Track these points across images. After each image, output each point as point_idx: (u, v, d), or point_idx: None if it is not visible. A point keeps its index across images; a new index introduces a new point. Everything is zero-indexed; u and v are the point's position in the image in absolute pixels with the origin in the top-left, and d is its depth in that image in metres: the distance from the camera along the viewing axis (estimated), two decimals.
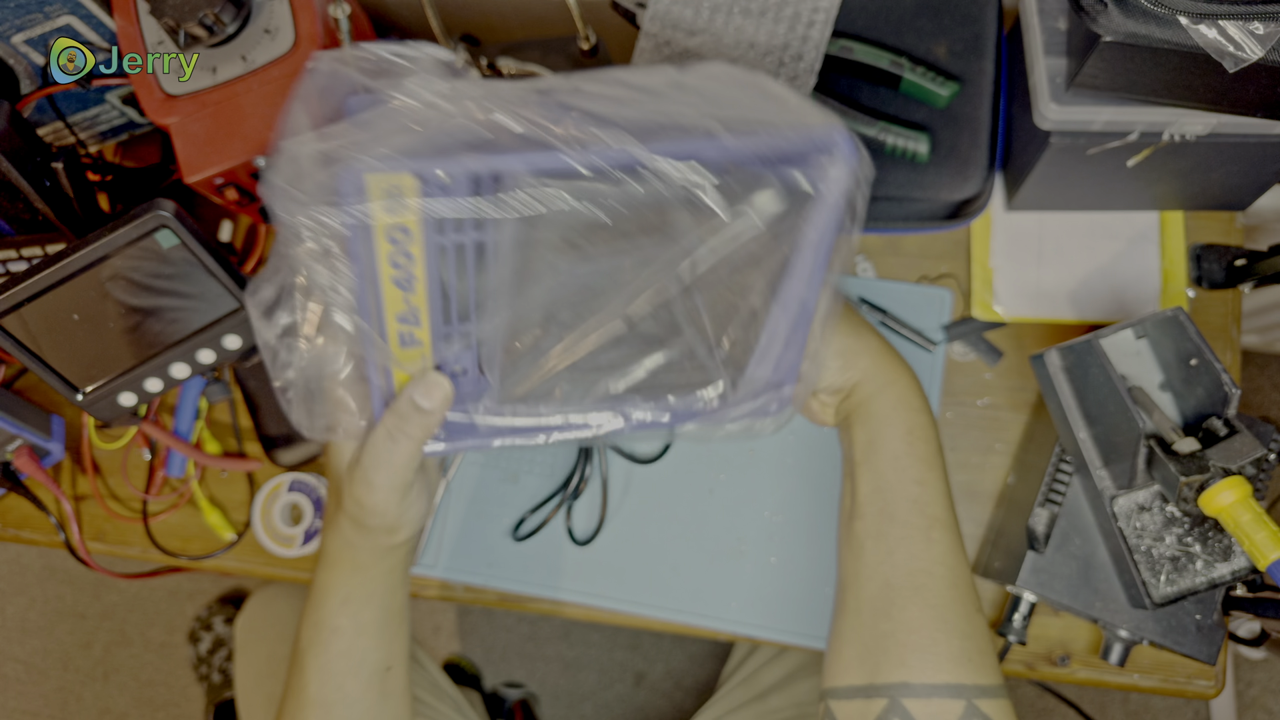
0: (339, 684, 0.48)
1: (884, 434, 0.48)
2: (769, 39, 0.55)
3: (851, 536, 0.48)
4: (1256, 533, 0.45)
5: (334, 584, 0.48)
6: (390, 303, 0.41)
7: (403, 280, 0.41)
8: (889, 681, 0.44)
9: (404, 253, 0.41)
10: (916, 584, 0.45)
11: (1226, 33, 0.45)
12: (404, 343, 0.42)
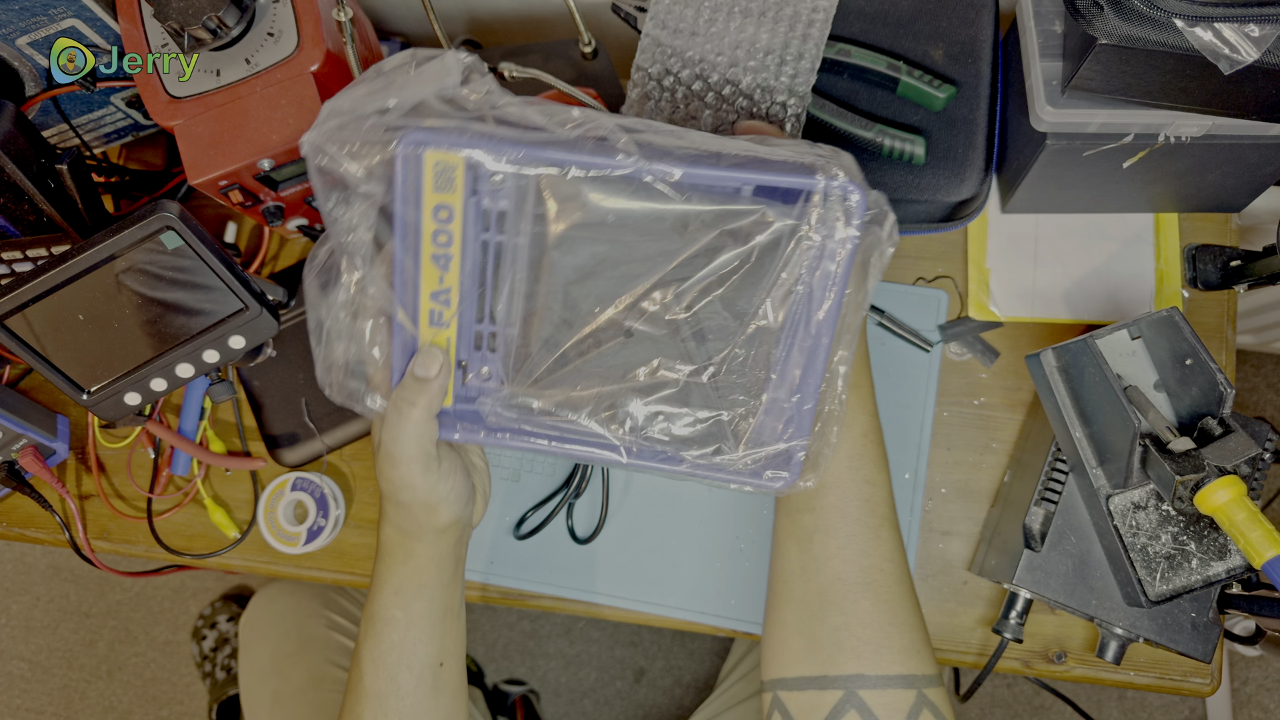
0: (392, 675, 0.49)
1: (840, 434, 0.48)
2: (770, 39, 0.55)
3: (797, 529, 0.49)
4: (1251, 531, 0.45)
5: (387, 575, 0.49)
6: (427, 279, 0.43)
7: (440, 259, 0.43)
8: (844, 673, 0.46)
9: (445, 232, 0.43)
10: (868, 579, 0.47)
11: (1222, 35, 0.45)
12: (433, 322, 0.44)
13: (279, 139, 0.55)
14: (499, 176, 0.42)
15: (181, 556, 0.68)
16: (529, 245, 0.43)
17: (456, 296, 0.44)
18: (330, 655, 0.81)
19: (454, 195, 0.42)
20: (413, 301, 0.44)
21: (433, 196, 0.42)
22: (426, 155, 0.41)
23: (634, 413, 0.45)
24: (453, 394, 0.46)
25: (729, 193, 0.42)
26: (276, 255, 0.72)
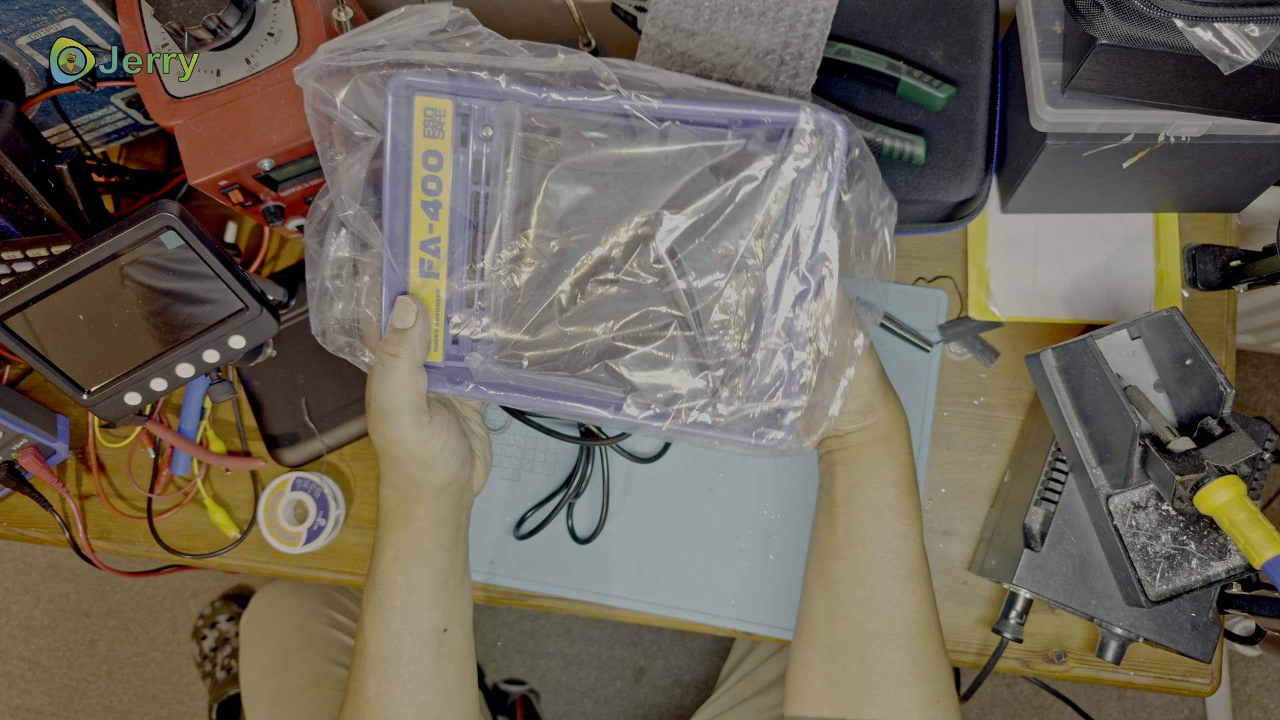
0: (395, 641, 0.48)
1: (870, 482, 0.49)
2: (769, 39, 0.55)
3: (826, 574, 0.50)
4: (1251, 531, 0.45)
5: (387, 540, 0.48)
6: (417, 228, 0.43)
7: (431, 206, 0.43)
8: (862, 717, 0.47)
9: (435, 178, 0.43)
10: (891, 630, 0.48)
11: (1222, 35, 0.45)
12: (423, 272, 0.44)
13: (279, 139, 0.55)
14: (489, 130, 0.43)
15: (181, 556, 0.68)
16: (516, 194, 0.43)
17: (446, 246, 0.44)
18: (332, 653, 0.81)
19: (443, 142, 0.42)
20: (403, 251, 0.43)
21: (423, 142, 0.42)
22: (416, 100, 0.41)
23: (623, 367, 0.45)
24: (443, 350, 0.45)
25: (714, 130, 0.42)
26: (276, 255, 0.72)
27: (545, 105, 0.42)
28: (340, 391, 0.68)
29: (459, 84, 0.42)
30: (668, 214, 0.43)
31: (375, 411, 0.45)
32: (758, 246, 0.43)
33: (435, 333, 0.45)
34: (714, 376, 0.44)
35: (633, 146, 0.42)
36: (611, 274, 0.44)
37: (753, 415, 0.44)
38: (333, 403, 0.68)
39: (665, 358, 0.45)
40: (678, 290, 0.44)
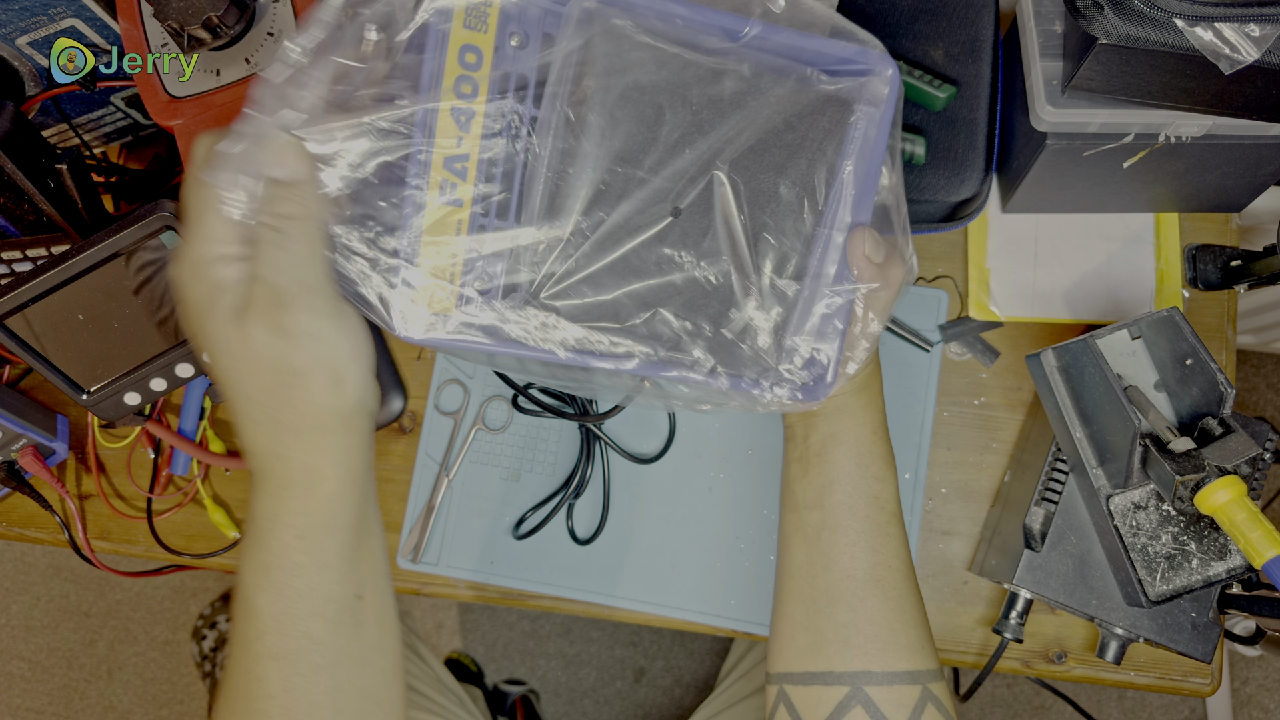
0: (303, 629, 0.39)
1: (850, 430, 0.48)
2: None
3: (805, 525, 0.48)
4: (1252, 531, 0.45)
5: (283, 514, 0.37)
6: (443, 135, 0.36)
7: (462, 115, 0.36)
8: (850, 669, 0.45)
9: (470, 80, 0.36)
10: (877, 576, 0.46)
11: (1222, 35, 0.45)
12: (443, 192, 0.37)
13: None
14: (516, 38, 0.37)
15: (181, 556, 0.68)
16: (566, 106, 0.37)
17: (473, 167, 0.37)
18: None
19: (486, 37, 0.36)
20: (423, 165, 0.36)
21: (462, 34, 0.35)
22: None
23: (671, 318, 0.40)
24: (456, 301, 0.38)
25: (782, 59, 0.39)
26: None
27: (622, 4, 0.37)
28: None
29: None
30: (730, 138, 0.39)
31: (268, 301, 0.33)
32: (819, 183, 0.41)
33: (451, 274, 0.37)
34: (766, 326, 0.41)
35: (699, 59, 0.38)
36: (668, 212, 0.39)
37: (795, 366, 0.42)
38: None
39: (717, 308, 0.41)
40: (735, 228, 0.40)
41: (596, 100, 0.37)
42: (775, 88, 0.40)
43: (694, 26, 0.39)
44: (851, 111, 0.41)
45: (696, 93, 0.39)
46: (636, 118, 0.38)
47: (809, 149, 0.41)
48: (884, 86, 0.41)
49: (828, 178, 0.41)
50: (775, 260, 0.41)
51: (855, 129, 0.41)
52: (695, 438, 0.66)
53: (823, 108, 0.41)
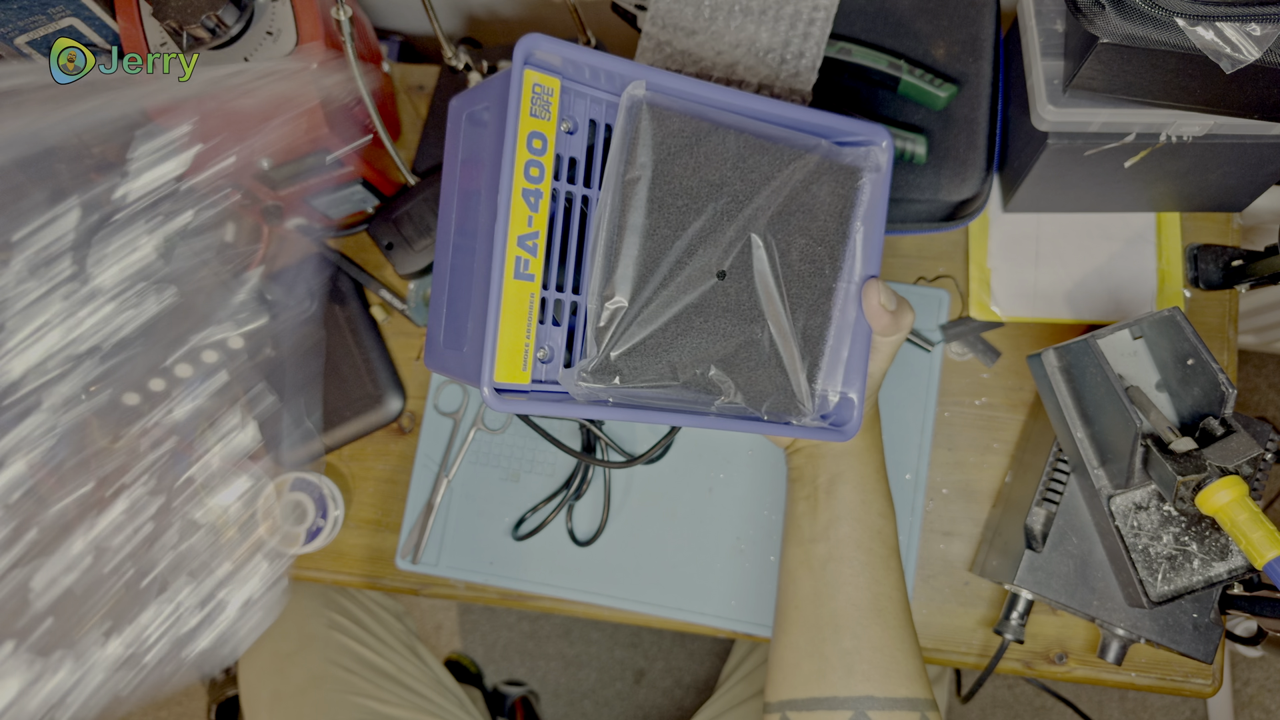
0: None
1: (856, 469, 0.51)
2: (770, 37, 0.55)
3: (810, 558, 0.51)
4: (1253, 532, 0.45)
5: None
6: (516, 219, 0.39)
7: (532, 196, 0.39)
8: (854, 694, 0.47)
9: (538, 164, 0.39)
10: (879, 606, 0.49)
11: (1223, 34, 0.45)
12: (518, 272, 0.40)
13: (278, 138, 0.55)
14: (568, 124, 0.40)
15: None
16: (621, 185, 0.41)
17: (544, 244, 0.40)
18: (330, 655, 0.81)
19: (549, 124, 0.39)
20: (500, 245, 0.39)
21: (529, 122, 0.39)
22: (526, 74, 0.38)
23: (722, 373, 0.44)
24: (531, 369, 0.41)
25: (807, 138, 0.45)
26: (276, 255, 0.72)
27: (665, 91, 0.42)
28: (339, 391, 0.68)
29: (582, 57, 0.39)
30: (764, 212, 0.44)
31: None
32: (837, 242, 0.47)
33: (526, 348, 0.40)
34: (801, 374, 0.46)
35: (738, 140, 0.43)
36: (713, 275, 0.43)
37: (826, 406, 0.48)
38: (332, 403, 0.68)
39: (759, 359, 0.45)
40: (770, 286, 0.44)
41: (646, 176, 0.41)
42: (796, 158, 0.45)
43: (726, 109, 0.44)
44: (860, 177, 0.47)
45: (731, 165, 0.43)
46: (681, 190, 0.42)
47: (827, 211, 0.46)
48: (883, 155, 0.47)
49: (843, 236, 0.47)
50: (805, 313, 0.46)
51: (863, 192, 0.47)
52: (695, 439, 0.66)
53: (835, 176, 0.46)
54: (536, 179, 0.39)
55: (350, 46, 0.56)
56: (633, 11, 0.59)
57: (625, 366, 0.41)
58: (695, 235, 0.42)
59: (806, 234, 0.45)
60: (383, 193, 0.67)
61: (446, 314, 0.47)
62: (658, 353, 0.42)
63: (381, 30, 0.84)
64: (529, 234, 0.39)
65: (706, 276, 0.43)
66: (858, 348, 0.47)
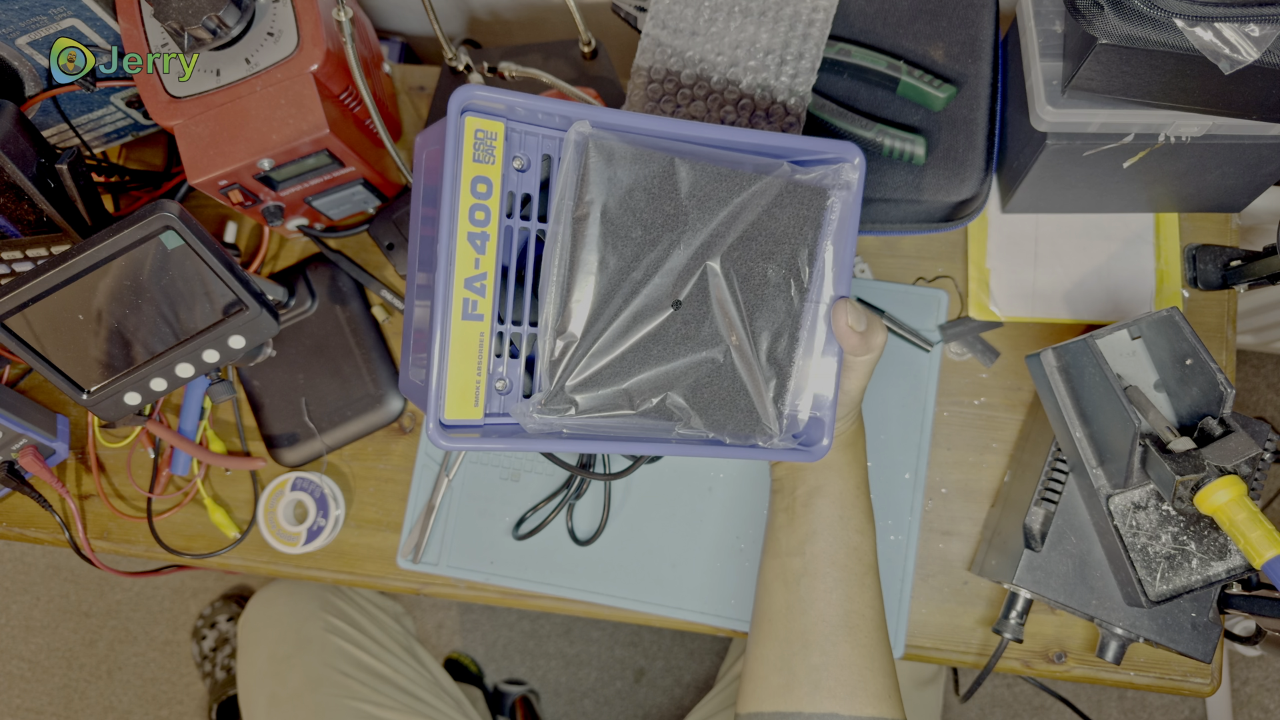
0: None
1: (835, 484, 0.51)
2: (770, 38, 0.55)
3: (786, 571, 0.51)
4: (1251, 531, 0.45)
5: None
6: (462, 262, 0.40)
7: (478, 238, 0.40)
8: (819, 711, 0.48)
9: (484, 207, 0.40)
10: (850, 624, 0.49)
11: (1222, 35, 0.45)
12: (467, 313, 0.41)
13: (279, 139, 0.55)
14: (520, 161, 0.41)
15: (181, 556, 0.68)
16: (570, 222, 0.41)
17: (492, 284, 0.41)
18: (327, 658, 0.81)
19: (494, 168, 0.40)
20: (445, 288, 0.40)
21: (472, 168, 0.40)
22: (467, 121, 0.39)
23: (680, 400, 0.44)
24: (483, 404, 0.42)
25: (769, 161, 0.44)
26: (276, 255, 0.72)
27: (612, 128, 0.41)
28: (340, 391, 0.68)
29: (522, 101, 0.40)
30: (720, 235, 0.44)
31: None
32: (803, 264, 0.46)
33: (477, 384, 0.42)
34: (766, 397, 0.46)
35: (688, 172, 0.43)
36: (668, 305, 0.43)
37: (796, 426, 0.47)
38: (332, 403, 0.68)
39: (721, 384, 0.45)
40: (731, 312, 0.44)
41: (595, 212, 0.41)
42: (754, 183, 0.44)
43: (678, 139, 0.43)
44: (827, 197, 0.46)
45: (685, 193, 0.43)
46: (633, 223, 0.42)
47: (792, 234, 0.45)
48: (854, 172, 0.46)
49: (810, 257, 0.46)
50: (770, 337, 0.45)
51: (832, 211, 0.46)
52: None
53: (800, 196, 0.45)
54: (482, 222, 0.40)
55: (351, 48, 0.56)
56: (633, 13, 0.59)
57: (580, 398, 0.42)
58: (650, 266, 0.42)
59: (770, 258, 0.45)
60: (383, 193, 0.67)
61: (412, 347, 0.48)
62: (613, 382, 0.42)
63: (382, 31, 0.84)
64: (476, 275, 0.40)
65: (662, 307, 0.43)
66: (828, 368, 0.47)
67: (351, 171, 0.62)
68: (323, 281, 0.69)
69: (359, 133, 0.62)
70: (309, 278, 0.69)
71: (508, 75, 0.54)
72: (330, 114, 0.56)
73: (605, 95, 0.67)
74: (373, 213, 0.69)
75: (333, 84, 0.57)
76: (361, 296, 0.70)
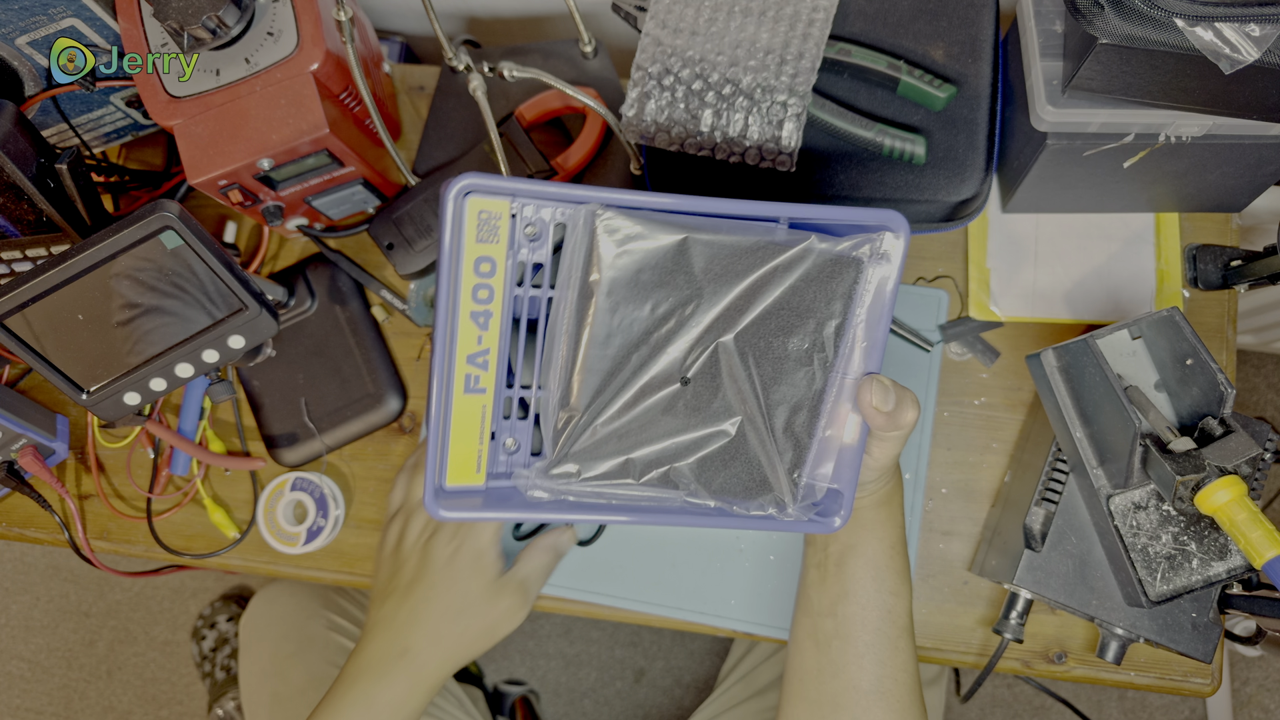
0: None
1: (868, 543, 0.49)
2: (770, 38, 0.55)
3: (818, 631, 0.50)
4: (1252, 531, 0.45)
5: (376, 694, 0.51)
6: (464, 339, 0.40)
7: (481, 316, 0.40)
8: None
9: (486, 286, 0.40)
10: (883, 689, 0.48)
11: (1222, 35, 0.45)
12: (469, 388, 0.41)
13: (279, 139, 0.55)
14: (532, 229, 0.41)
15: (181, 556, 0.68)
16: (576, 298, 0.41)
17: (495, 359, 0.41)
18: (330, 656, 0.81)
19: (498, 247, 0.40)
20: (447, 365, 0.41)
21: (475, 248, 0.39)
22: (470, 202, 0.39)
23: (686, 471, 0.43)
24: (485, 471, 0.42)
25: (781, 233, 0.42)
26: (276, 255, 0.72)
27: (624, 207, 0.40)
28: (340, 392, 0.68)
29: (525, 187, 0.39)
30: (735, 311, 0.42)
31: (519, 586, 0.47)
32: (828, 340, 0.43)
33: (479, 452, 0.42)
34: (779, 472, 0.44)
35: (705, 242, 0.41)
36: (677, 380, 0.42)
37: (815, 500, 0.45)
38: (332, 403, 0.68)
39: (730, 455, 0.44)
40: (744, 388, 0.43)
41: (602, 288, 0.40)
42: (777, 256, 0.42)
43: (695, 212, 0.41)
44: (862, 270, 0.43)
45: (700, 270, 0.41)
46: (642, 299, 0.41)
47: (819, 308, 0.43)
48: (897, 242, 0.42)
49: (839, 330, 0.43)
50: (789, 410, 0.43)
51: (865, 284, 0.43)
52: None
53: (830, 268, 0.42)
54: (486, 300, 0.40)
55: (351, 48, 0.56)
56: (633, 13, 0.59)
57: (583, 467, 0.42)
58: (659, 341, 0.42)
59: (792, 331, 0.43)
60: (383, 193, 0.67)
61: None
62: (617, 453, 0.42)
63: (382, 31, 0.84)
64: (479, 352, 0.41)
65: (671, 381, 0.42)
66: (851, 442, 0.44)
67: (351, 171, 0.62)
68: (322, 281, 0.69)
69: (359, 132, 0.62)
70: (309, 278, 0.69)
71: (508, 75, 0.54)
72: (330, 114, 0.56)
73: (605, 95, 0.67)
74: (372, 213, 0.69)
75: (332, 84, 0.57)
76: (361, 296, 0.70)
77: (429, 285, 0.68)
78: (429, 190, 0.65)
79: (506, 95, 0.68)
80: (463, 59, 0.55)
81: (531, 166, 0.64)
